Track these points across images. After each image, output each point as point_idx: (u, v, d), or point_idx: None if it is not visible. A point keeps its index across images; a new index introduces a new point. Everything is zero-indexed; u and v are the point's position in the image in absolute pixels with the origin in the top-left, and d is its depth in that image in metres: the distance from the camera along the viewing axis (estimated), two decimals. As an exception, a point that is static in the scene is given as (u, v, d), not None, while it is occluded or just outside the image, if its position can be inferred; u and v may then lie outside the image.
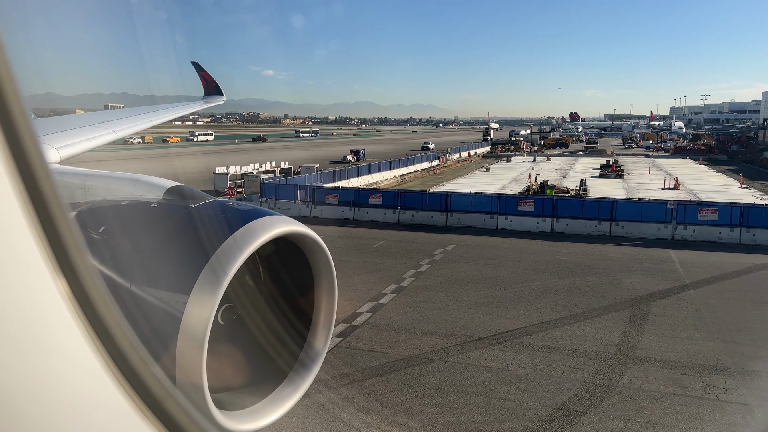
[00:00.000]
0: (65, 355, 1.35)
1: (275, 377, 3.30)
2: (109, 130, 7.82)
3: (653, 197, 41.97)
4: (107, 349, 1.38)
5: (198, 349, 2.60)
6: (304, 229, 3.21)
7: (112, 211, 3.60)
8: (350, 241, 31.06)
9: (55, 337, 1.32)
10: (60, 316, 1.31)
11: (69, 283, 1.31)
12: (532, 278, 23.75)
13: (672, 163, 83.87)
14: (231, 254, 2.78)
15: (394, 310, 19.74)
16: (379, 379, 14.56)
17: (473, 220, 34.95)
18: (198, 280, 2.69)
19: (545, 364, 15.42)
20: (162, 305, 2.74)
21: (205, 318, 2.63)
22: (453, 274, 24.23)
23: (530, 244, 30.44)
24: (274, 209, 18.94)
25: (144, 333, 2.66)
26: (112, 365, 1.39)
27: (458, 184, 57.36)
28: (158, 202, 3.52)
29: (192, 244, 3.01)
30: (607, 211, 32.49)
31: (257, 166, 55.43)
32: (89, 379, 1.38)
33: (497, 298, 21.16)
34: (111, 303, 1.41)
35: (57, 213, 1.29)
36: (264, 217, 3.06)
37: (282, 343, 3.42)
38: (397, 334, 17.61)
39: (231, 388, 3.19)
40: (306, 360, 3.42)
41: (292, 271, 3.48)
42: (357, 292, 21.68)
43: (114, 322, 1.40)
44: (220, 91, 17.14)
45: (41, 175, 1.26)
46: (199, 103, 15.95)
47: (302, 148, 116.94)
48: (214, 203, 3.32)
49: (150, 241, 3.15)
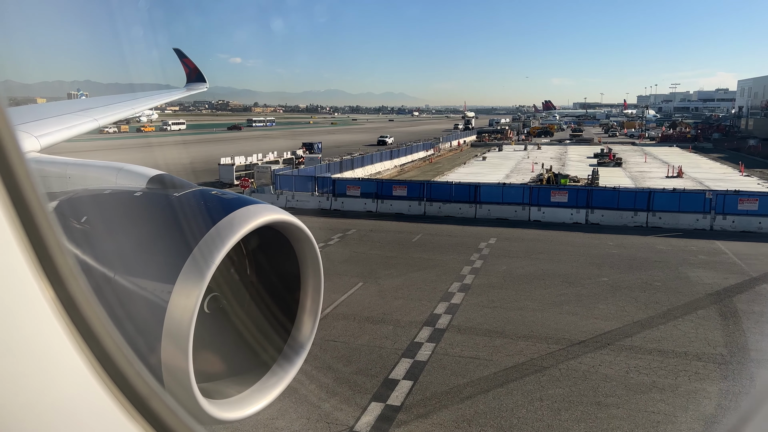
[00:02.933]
0: (48, 356, 1.30)
1: (261, 366, 3.26)
2: (89, 118, 7.48)
3: (659, 185, 41.71)
4: (91, 348, 1.35)
5: (183, 339, 2.57)
6: (289, 218, 3.14)
7: (94, 200, 3.52)
8: (385, 235, 29.73)
9: (36, 337, 1.28)
10: (42, 315, 1.27)
11: (51, 283, 1.28)
12: (595, 273, 22.84)
13: (662, 151, 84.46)
14: (215, 243, 2.74)
15: (472, 311, 18.55)
16: (500, 391, 13.38)
17: (504, 211, 33.93)
18: (182, 269, 2.64)
19: (666, 370, 14.46)
20: (146, 295, 2.69)
21: (190, 307, 2.59)
22: (512, 270, 23.15)
23: (572, 237, 29.57)
24: (291, 201, 17.47)
25: (129, 323, 2.64)
26: (97, 365, 1.36)
27: (460, 174, 56.35)
28: (141, 191, 3.43)
29: (176, 233, 2.94)
30: (644, 201, 31.84)
31: (261, 156, 53.26)
32: (73, 379, 1.34)
33: (572, 295, 20.16)
34: (94, 301, 1.38)
35: (37, 210, 1.25)
36: (249, 205, 2.99)
37: (268, 332, 3.39)
38: (491, 338, 16.44)
39: (217, 378, 3.14)
40: (292, 348, 3.38)
41: (278, 260, 3.42)
42: (422, 291, 20.45)
43: (97, 321, 1.38)
44: (203, 79, 16.73)
45: (20, 172, 1.22)
46: (181, 90, 15.44)
47: (285, 137, 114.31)
48: (198, 192, 3.24)
49: (133, 230, 3.09)
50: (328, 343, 16.04)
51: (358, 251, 26.44)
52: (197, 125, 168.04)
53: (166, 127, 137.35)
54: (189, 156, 65.73)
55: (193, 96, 17.77)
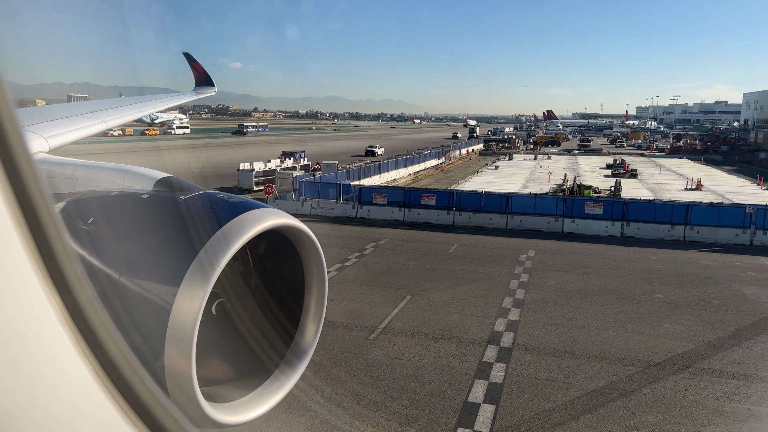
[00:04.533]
0: (52, 363, 1.28)
1: (265, 370, 3.23)
2: (98, 120, 7.47)
3: (679, 198, 40.83)
4: (96, 355, 1.33)
5: (187, 342, 2.53)
6: (295, 222, 3.13)
7: (101, 202, 3.50)
8: (419, 245, 28.96)
9: (41, 343, 1.26)
10: (47, 322, 1.25)
11: (57, 289, 1.26)
12: (647, 289, 22.11)
13: (673, 163, 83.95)
14: (221, 246, 2.71)
15: (533, 328, 17.77)
16: (590, 418, 12.59)
17: (536, 222, 33.21)
18: (187, 272, 2.62)
19: (757, 396, 13.71)
20: (151, 297, 2.66)
21: (195, 310, 2.56)
22: (561, 285, 22.39)
23: (611, 250, 28.86)
24: (316, 209, 16.67)
25: (133, 325, 2.61)
26: (101, 372, 1.34)
27: (475, 183, 55.70)
28: (148, 194, 3.39)
29: (182, 235, 2.90)
30: (682, 214, 31.18)
31: (278, 162, 52.42)
32: (77, 386, 1.33)
33: (631, 313, 19.41)
34: (100, 307, 1.36)
35: (45, 215, 1.23)
36: (255, 209, 2.97)
37: (272, 336, 3.36)
38: (562, 358, 15.67)
39: (220, 381, 3.11)
40: (295, 353, 3.35)
41: (283, 265, 3.40)
42: (475, 306, 19.67)
43: (103, 328, 1.35)
44: (212, 83, 16.92)
45: (28, 175, 1.20)
46: (190, 94, 15.49)
47: (293, 143, 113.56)
48: (204, 195, 3.21)
49: (140, 232, 3.07)
50: (394, 361, 15.23)
51: (396, 262, 25.65)
52: (200, 129, 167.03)
53: (170, 131, 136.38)
54: (198, 160, 64.74)
55: (200, 100, 17.90)
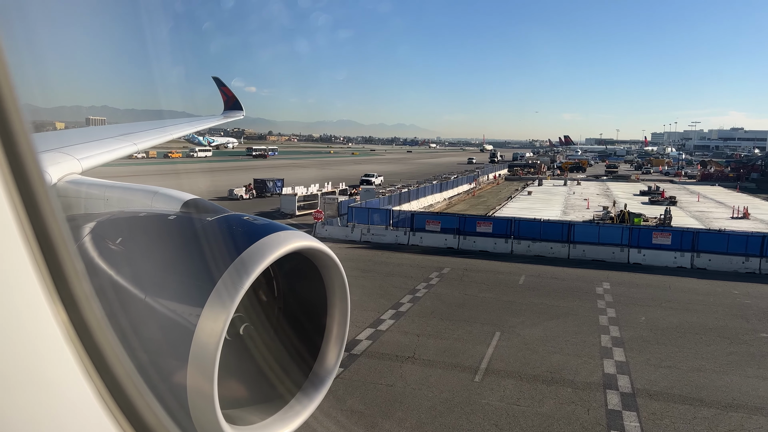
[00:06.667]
0: (58, 386, 1.25)
1: (286, 393, 3.18)
2: (129, 142, 7.63)
3: (728, 227, 39.17)
4: (102, 377, 1.31)
5: (210, 363, 2.52)
6: (318, 245, 3.12)
7: (130, 223, 3.55)
8: (484, 276, 27.74)
9: (45, 362, 1.23)
10: (55, 344, 1.22)
11: (65, 307, 1.24)
12: (747, 327, 20.72)
13: (707, 190, 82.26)
14: (245, 268, 2.71)
15: (646, 371, 16.45)
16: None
17: (600, 252, 31.91)
18: (212, 293, 2.62)
19: None
20: (175, 317, 2.65)
21: (218, 331, 2.55)
22: (654, 322, 21.05)
23: (688, 283, 27.46)
24: (366, 235, 15.27)
25: (156, 344, 2.63)
26: (108, 397, 1.31)
27: (513, 209, 54.57)
28: (175, 215, 3.40)
29: (207, 256, 2.90)
30: (757, 246, 29.80)
31: (318, 187, 51.65)
32: (80, 410, 1.29)
33: (743, 354, 18.03)
34: (107, 327, 1.34)
35: (56, 234, 1.21)
36: (279, 231, 2.99)
37: (294, 358, 3.33)
38: (693, 407, 14.33)
39: (242, 403, 3.09)
40: (317, 376, 3.30)
41: (306, 287, 3.36)
42: (572, 345, 18.40)
43: (109, 348, 1.32)
44: (240, 107, 16.81)
45: (40, 194, 1.20)
46: (219, 117, 15.46)
47: (316, 167, 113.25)
48: (230, 217, 3.25)
49: (166, 252, 3.08)
50: (512, 407, 13.98)
51: (468, 294, 24.43)
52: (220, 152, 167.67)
53: (193, 154, 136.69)
54: (225, 184, 64.15)
55: (229, 123, 17.56)
